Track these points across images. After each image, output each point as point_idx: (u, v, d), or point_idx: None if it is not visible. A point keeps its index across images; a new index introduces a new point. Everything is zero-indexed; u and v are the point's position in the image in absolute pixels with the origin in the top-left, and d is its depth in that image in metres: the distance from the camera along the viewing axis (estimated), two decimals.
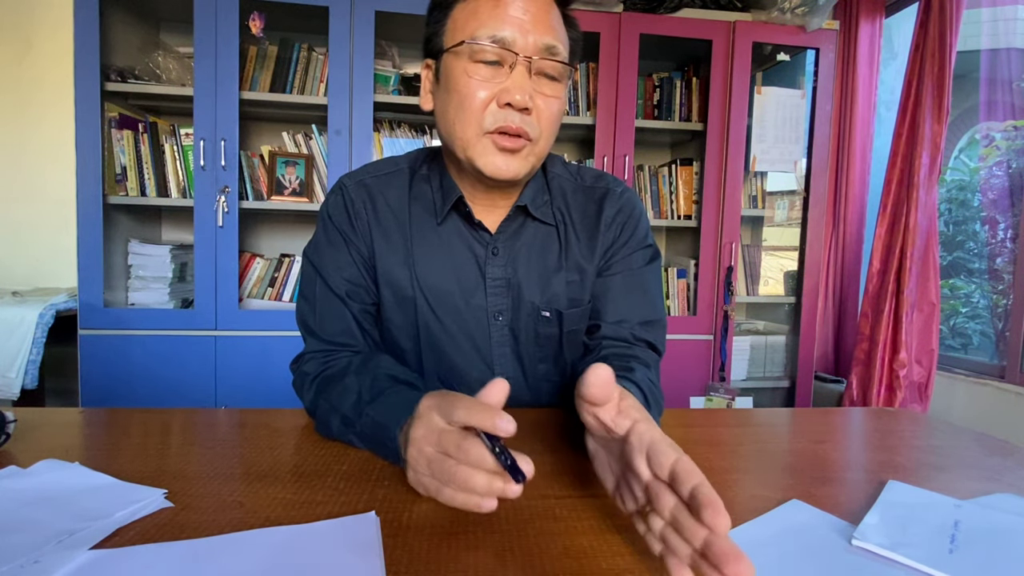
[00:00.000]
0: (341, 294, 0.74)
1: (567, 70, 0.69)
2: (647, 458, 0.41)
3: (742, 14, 2.16)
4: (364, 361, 0.69)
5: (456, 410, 0.46)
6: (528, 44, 0.65)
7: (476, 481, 0.44)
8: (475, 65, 0.66)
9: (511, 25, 0.64)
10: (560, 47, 0.67)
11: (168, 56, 1.97)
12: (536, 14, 0.65)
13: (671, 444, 0.41)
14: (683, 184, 2.28)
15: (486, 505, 0.44)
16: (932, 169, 2.05)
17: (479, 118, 0.66)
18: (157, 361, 1.87)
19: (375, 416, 0.59)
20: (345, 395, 0.63)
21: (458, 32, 0.67)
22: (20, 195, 2.20)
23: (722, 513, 0.35)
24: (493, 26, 0.64)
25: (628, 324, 0.76)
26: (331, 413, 0.64)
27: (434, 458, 0.47)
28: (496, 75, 0.66)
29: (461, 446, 0.45)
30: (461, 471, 0.44)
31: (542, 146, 0.70)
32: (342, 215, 0.76)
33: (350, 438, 0.62)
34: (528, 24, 0.65)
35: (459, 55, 0.66)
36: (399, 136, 2.09)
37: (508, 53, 0.65)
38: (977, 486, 0.58)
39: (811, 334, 2.27)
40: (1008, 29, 2.33)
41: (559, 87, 0.69)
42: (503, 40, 0.64)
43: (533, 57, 0.65)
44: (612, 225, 0.79)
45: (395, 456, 0.56)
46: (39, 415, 0.71)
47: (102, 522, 0.44)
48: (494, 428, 0.43)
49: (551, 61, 0.66)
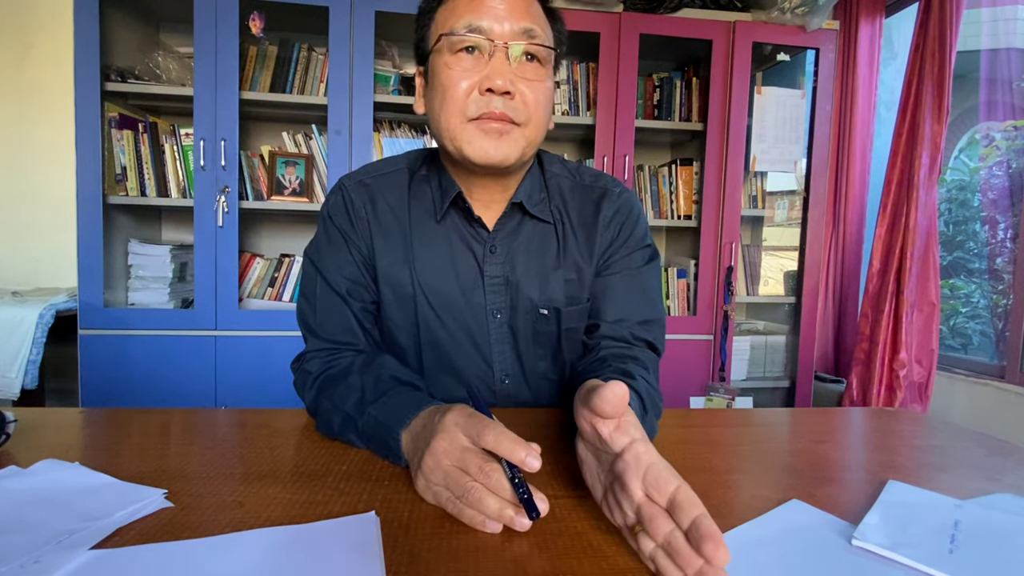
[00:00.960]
0: (342, 292, 0.74)
1: (549, 53, 0.69)
2: (643, 481, 0.40)
3: (742, 14, 2.16)
4: (367, 361, 0.69)
5: (486, 434, 0.46)
6: (505, 30, 0.66)
7: (488, 503, 0.45)
8: (455, 56, 0.67)
9: (487, 15, 0.65)
10: (539, 30, 0.67)
11: (168, 56, 1.97)
12: (512, 3, 0.66)
13: (670, 470, 0.41)
14: (683, 184, 2.28)
15: (491, 527, 0.45)
16: (932, 169, 2.05)
17: (462, 106, 0.66)
18: (157, 361, 1.87)
19: (378, 415, 0.59)
20: (348, 394, 0.64)
21: (439, 31, 0.68)
22: (20, 195, 2.20)
23: (723, 548, 0.35)
24: (470, 17, 0.66)
25: (627, 323, 0.76)
26: (333, 412, 0.64)
27: (451, 472, 0.47)
28: (476, 64, 0.67)
29: (483, 469, 0.46)
30: (476, 490, 0.45)
31: (532, 131, 0.69)
32: (342, 215, 0.76)
33: (351, 437, 0.62)
34: (504, 12, 0.66)
35: (440, 51, 0.68)
36: (399, 136, 2.09)
37: (486, 41, 0.66)
38: (977, 486, 0.58)
39: (811, 334, 2.27)
40: (1008, 29, 2.33)
41: (542, 71, 0.69)
42: (479, 28, 0.65)
43: (511, 42, 0.66)
44: (611, 225, 0.79)
45: (396, 456, 0.56)
46: (39, 415, 0.71)
47: (102, 522, 0.44)
48: (522, 463, 0.44)
49: (531, 44, 0.67)
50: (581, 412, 0.48)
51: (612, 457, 0.44)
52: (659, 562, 0.39)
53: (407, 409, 0.57)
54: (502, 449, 0.45)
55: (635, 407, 0.57)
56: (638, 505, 0.40)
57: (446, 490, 0.47)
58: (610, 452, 0.44)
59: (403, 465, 0.56)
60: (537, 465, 0.44)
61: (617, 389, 0.43)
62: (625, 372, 0.67)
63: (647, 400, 0.64)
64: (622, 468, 0.42)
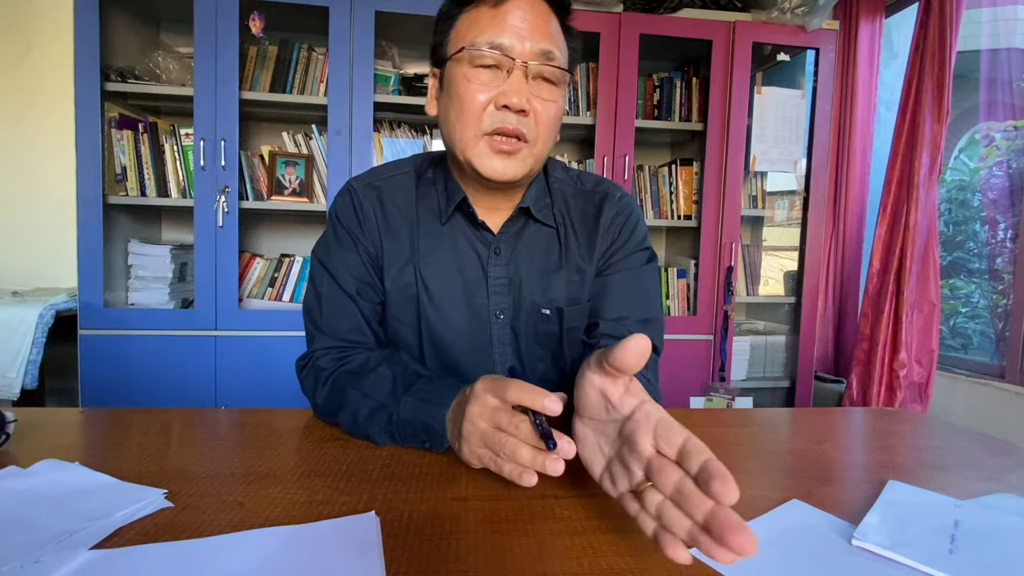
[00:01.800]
0: (351, 292, 0.76)
1: (564, 75, 0.71)
2: (654, 436, 0.41)
3: (742, 14, 2.16)
4: (391, 354, 0.72)
5: (509, 390, 0.50)
6: (525, 50, 0.67)
7: (522, 454, 0.48)
8: (475, 70, 0.68)
9: (509, 32, 0.66)
10: (557, 53, 0.69)
11: (168, 56, 1.97)
12: (534, 22, 0.67)
13: (679, 425, 0.42)
14: (683, 184, 2.28)
15: (527, 479, 0.48)
16: (932, 169, 2.05)
17: (478, 120, 0.68)
18: (157, 361, 1.87)
19: (420, 399, 0.62)
20: (380, 383, 0.66)
21: (460, 40, 0.69)
22: (20, 195, 2.20)
23: (731, 484, 0.35)
24: (492, 33, 0.67)
25: (627, 322, 0.77)
26: (362, 401, 0.65)
27: (487, 432, 0.51)
28: (494, 79, 0.68)
29: (512, 421, 0.50)
30: (510, 443, 0.49)
31: (539, 148, 0.71)
32: (351, 216, 0.77)
33: (373, 430, 0.64)
34: (526, 31, 0.67)
35: (460, 61, 0.69)
36: (399, 136, 2.09)
37: (506, 58, 0.67)
38: (977, 486, 0.58)
39: (811, 334, 2.27)
40: (1008, 29, 2.33)
41: (556, 91, 0.70)
42: (501, 46, 0.66)
43: (530, 62, 0.67)
44: (611, 227, 0.81)
45: (438, 437, 0.59)
46: (39, 415, 0.71)
47: (102, 522, 0.44)
48: (543, 407, 0.47)
49: (548, 66, 0.68)
50: (589, 379, 0.48)
51: (619, 424, 0.46)
52: (667, 516, 0.38)
53: (448, 392, 0.60)
54: (524, 399, 0.49)
55: None
56: (648, 460, 0.41)
57: (487, 450, 0.51)
58: (618, 418, 0.46)
59: (442, 448, 0.59)
60: (558, 409, 0.47)
61: (640, 340, 0.43)
62: None
63: None
64: (632, 428, 0.43)
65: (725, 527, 0.34)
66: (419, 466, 0.58)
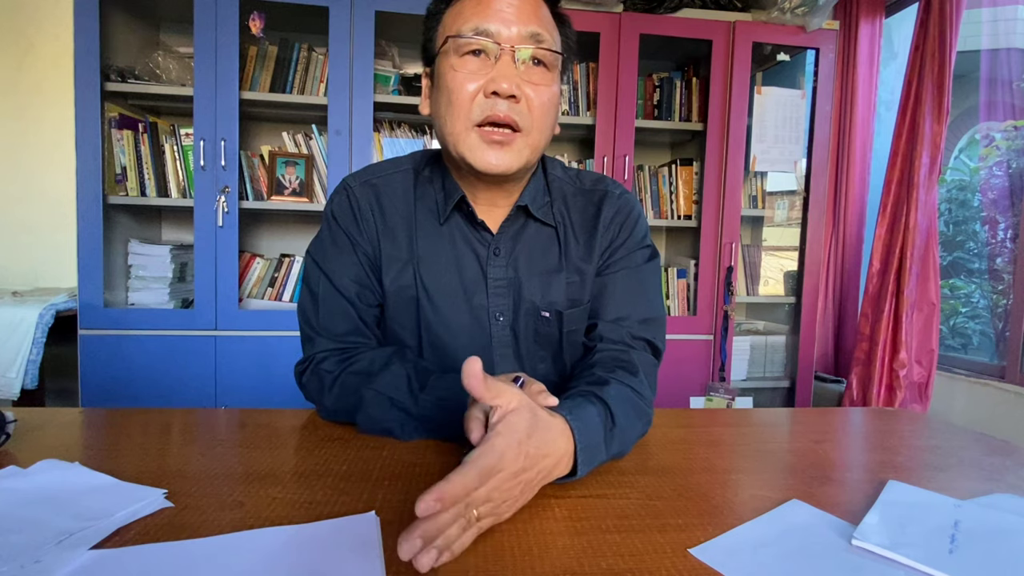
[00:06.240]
0: (350, 295, 0.74)
1: (557, 58, 0.69)
2: None
3: (742, 14, 2.16)
4: (396, 351, 0.72)
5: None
6: (512, 34, 0.66)
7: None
8: (461, 59, 0.67)
9: (495, 18, 0.65)
10: (546, 35, 0.67)
11: (168, 56, 1.97)
12: (520, 6, 0.66)
13: (480, 468, 0.42)
14: (683, 184, 2.28)
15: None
16: (932, 169, 2.05)
17: (467, 110, 0.66)
18: (157, 361, 1.87)
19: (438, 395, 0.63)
20: (395, 381, 0.66)
21: (446, 33, 0.68)
22: (20, 195, 2.20)
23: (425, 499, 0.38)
24: (477, 21, 0.66)
25: (627, 322, 0.76)
26: (377, 398, 0.66)
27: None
28: (483, 67, 0.66)
29: None
30: None
31: (535, 138, 0.69)
32: (347, 216, 0.76)
33: (395, 425, 0.64)
34: (511, 16, 0.66)
35: (447, 53, 0.68)
36: (399, 136, 2.09)
37: (492, 44, 0.65)
38: (977, 486, 0.58)
39: (811, 334, 2.27)
40: (1008, 29, 2.33)
41: (549, 76, 0.69)
42: (487, 31, 0.65)
43: (518, 46, 0.66)
44: (611, 226, 0.79)
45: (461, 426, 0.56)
46: (39, 415, 0.71)
47: (102, 522, 0.44)
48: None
49: (539, 48, 0.67)
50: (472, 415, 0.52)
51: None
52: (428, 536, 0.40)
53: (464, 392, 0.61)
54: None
55: (596, 422, 0.56)
56: None
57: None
58: None
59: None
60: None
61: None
62: (600, 381, 0.64)
63: (617, 410, 0.60)
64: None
65: None
66: (419, 466, 0.58)
